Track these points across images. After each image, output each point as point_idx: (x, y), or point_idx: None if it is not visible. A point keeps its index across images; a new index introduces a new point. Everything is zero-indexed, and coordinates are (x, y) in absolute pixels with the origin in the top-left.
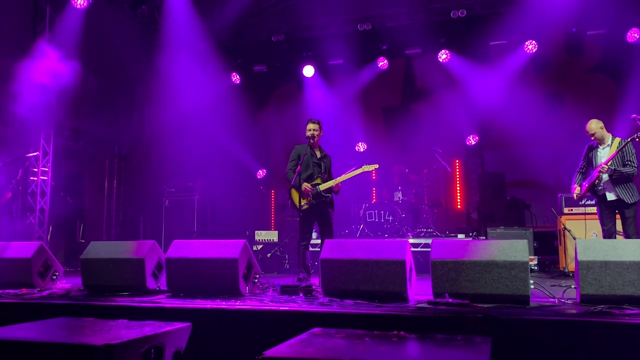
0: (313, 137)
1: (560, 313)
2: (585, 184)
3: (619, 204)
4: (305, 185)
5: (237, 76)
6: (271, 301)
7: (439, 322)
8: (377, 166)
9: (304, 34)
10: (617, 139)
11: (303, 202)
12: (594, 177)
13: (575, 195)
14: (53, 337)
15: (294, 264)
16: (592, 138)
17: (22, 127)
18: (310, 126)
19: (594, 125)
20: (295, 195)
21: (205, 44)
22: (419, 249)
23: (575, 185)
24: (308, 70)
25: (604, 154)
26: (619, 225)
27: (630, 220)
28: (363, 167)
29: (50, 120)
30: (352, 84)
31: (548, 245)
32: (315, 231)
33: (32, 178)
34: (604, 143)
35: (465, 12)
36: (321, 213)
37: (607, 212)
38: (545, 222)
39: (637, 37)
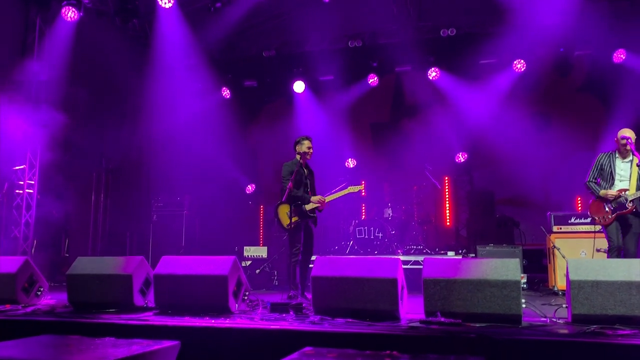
0: (309, 154)
1: (552, 333)
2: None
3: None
4: (318, 199)
5: (228, 91)
6: (261, 319)
7: (432, 342)
8: (362, 187)
9: (294, 49)
10: (636, 158)
11: (288, 221)
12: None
13: (612, 195)
14: (38, 355)
15: (283, 280)
16: (624, 144)
17: (9, 139)
18: (309, 144)
19: (631, 134)
20: (283, 212)
21: (195, 58)
22: (408, 266)
23: (604, 190)
24: (298, 86)
25: (624, 168)
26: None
27: (638, 236)
28: (349, 187)
29: (37, 133)
30: (342, 100)
31: (537, 263)
32: None
33: (17, 191)
34: (626, 156)
35: (455, 31)
36: (306, 229)
37: (616, 226)
38: (534, 239)
39: (623, 57)
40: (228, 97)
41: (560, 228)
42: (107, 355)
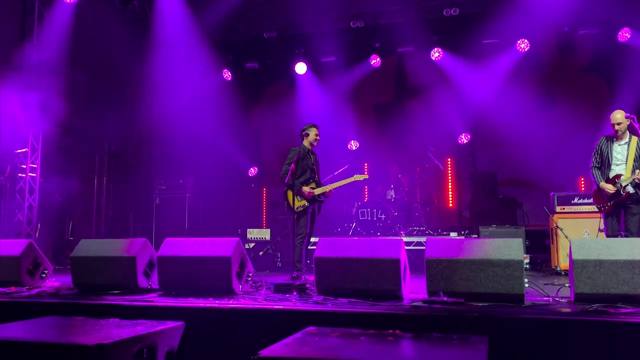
0: (316, 141)
1: (555, 312)
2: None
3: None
4: (307, 190)
5: (229, 73)
6: (265, 300)
7: (435, 321)
8: (366, 176)
9: (296, 30)
10: (635, 139)
11: (299, 204)
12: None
13: (609, 190)
14: (43, 336)
15: (286, 262)
16: (617, 129)
17: (9, 122)
18: (317, 131)
19: (621, 116)
20: (291, 196)
21: (196, 40)
22: (411, 247)
23: (603, 183)
24: (300, 68)
25: (620, 151)
26: None
27: (637, 217)
28: (355, 176)
29: (38, 117)
30: (344, 82)
31: (539, 244)
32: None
33: (20, 175)
34: (622, 139)
35: (457, 11)
36: (312, 214)
37: (616, 214)
38: (537, 220)
39: (628, 36)
40: (229, 79)
41: (564, 208)
42: (112, 335)
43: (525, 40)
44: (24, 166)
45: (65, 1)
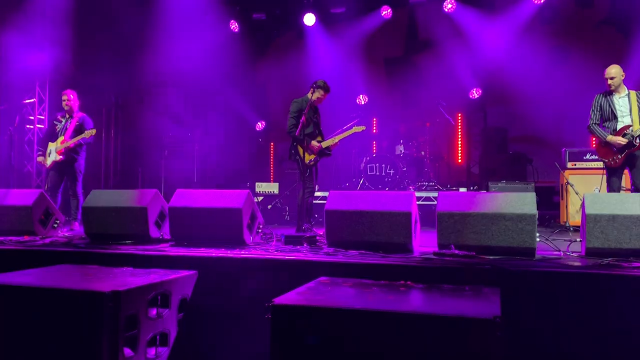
0: (321, 101)
1: (567, 265)
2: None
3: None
4: (316, 144)
5: (236, 24)
6: (276, 251)
7: (446, 273)
8: (364, 128)
9: None
10: (633, 92)
11: (310, 157)
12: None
13: (619, 142)
14: (58, 283)
15: (294, 215)
16: (610, 83)
17: (17, 73)
18: (324, 94)
19: (616, 71)
20: (302, 149)
21: None
22: (420, 202)
23: (611, 136)
24: (309, 19)
25: (622, 104)
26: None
27: None
28: (354, 128)
29: (46, 66)
30: (354, 34)
31: (548, 200)
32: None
33: (28, 126)
34: (619, 92)
35: None
36: (315, 167)
37: (622, 165)
38: (546, 177)
39: None
40: (236, 30)
41: (575, 164)
42: (126, 282)
43: None
44: (32, 117)
45: None
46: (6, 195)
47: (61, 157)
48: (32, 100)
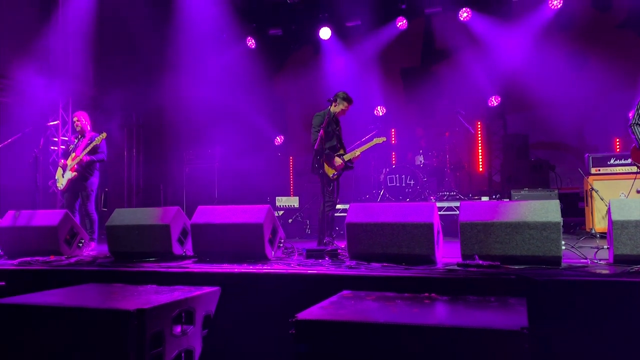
0: (344, 113)
1: (594, 273)
2: None
3: None
4: (339, 161)
5: (253, 40)
6: (298, 265)
7: (470, 284)
8: (384, 139)
9: None
10: None
11: (333, 171)
12: None
13: None
14: (85, 302)
15: (315, 229)
16: None
17: (41, 96)
18: (348, 106)
19: None
20: (325, 163)
21: (219, 8)
22: (441, 213)
23: None
24: (325, 33)
25: None
26: None
27: None
28: (374, 140)
29: (68, 89)
30: (370, 46)
31: (573, 207)
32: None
33: (52, 147)
34: None
35: None
36: (338, 181)
37: None
38: (569, 183)
39: None
40: (253, 47)
41: (599, 170)
42: (151, 300)
43: None
44: (56, 139)
45: None
46: (32, 217)
47: (74, 174)
48: (56, 122)
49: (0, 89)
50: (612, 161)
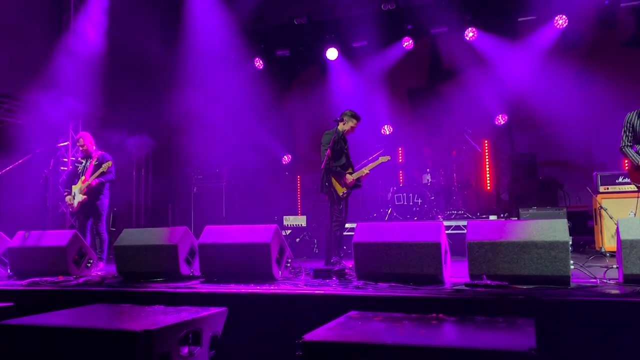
0: (352, 132)
1: (604, 293)
2: None
3: None
4: (350, 179)
5: (260, 61)
6: (305, 285)
7: (478, 304)
8: (389, 157)
9: (326, 15)
10: None
11: (343, 190)
12: None
13: None
14: (93, 323)
15: (323, 248)
16: None
17: (51, 117)
18: (356, 124)
19: None
20: (337, 182)
21: (227, 30)
22: (449, 232)
23: None
24: (331, 53)
25: None
26: None
27: None
28: (380, 158)
29: (78, 110)
30: (376, 66)
31: (582, 225)
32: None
33: (62, 168)
34: None
35: None
36: (346, 199)
37: None
38: (578, 201)
39: None
40: (261, 67)
41: (607, 188)
42: (158, 321)
43: (564, 16)
44: (66, 159)
45: None
46: (42, 237)
47: (85, 197)
48: (65, 143)
49: (12, 111)
50: (620, 179)
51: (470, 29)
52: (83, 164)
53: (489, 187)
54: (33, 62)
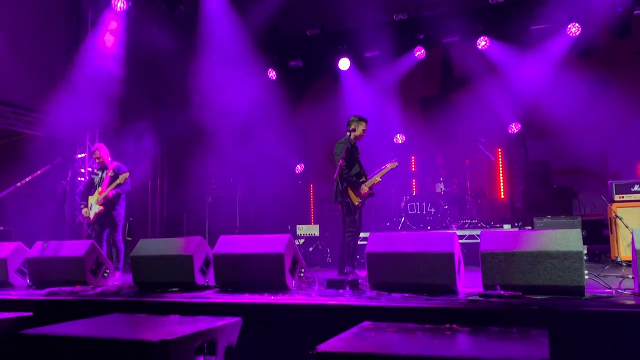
0: (363, 136)
1: (619, 304)
2: None
3: None
4: (365, 189)
5: (274, 72)
6: (318, 295)
7: (492, 315)
8: (397, 163)
9: (339, 26)
10: None
11: (358, 199)
12: None
13: None
14: (109, 333)
15: (336, 257)
16: None
17: (69, 128)
18: (365, 126)
19: None
20: (351, 192)
21: (241, 41)
22: (463, 241)
23: None
24: (344, 63)
25: None
26: None
27: None
28: (388, 165)
29: (95, 121)
30: (389, 75)
31: (597, 234)
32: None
33: (79, 179)
34: None
35: None
36: (361, 209)
37: None
38: (594, 210)
39: None
40: (274, 78)
41: (623, 197)
42: (174, 331)
43: (576, 24)
44: (83, 170)
45: (116, 9)
46: (60, 247)
47: (101, 207)
48: (83, 155)
49: (31, 123)
50: (635, 188)
51: (482, 37)
52: (99, 175)
53: (502, 196)
54: (50, 75)
